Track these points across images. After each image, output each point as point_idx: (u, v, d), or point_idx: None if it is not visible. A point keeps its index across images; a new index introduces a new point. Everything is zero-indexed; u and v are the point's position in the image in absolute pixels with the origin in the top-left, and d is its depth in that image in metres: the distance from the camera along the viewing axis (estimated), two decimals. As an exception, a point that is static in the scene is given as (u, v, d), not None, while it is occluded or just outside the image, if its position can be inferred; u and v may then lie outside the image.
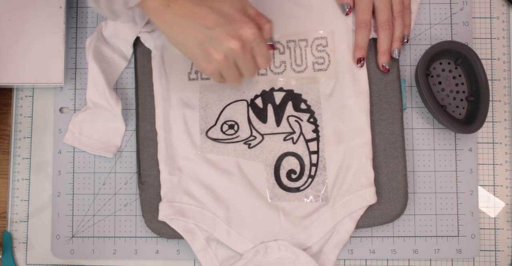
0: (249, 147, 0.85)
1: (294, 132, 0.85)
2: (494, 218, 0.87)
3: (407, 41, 0.86)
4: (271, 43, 0.76)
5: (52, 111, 0.89)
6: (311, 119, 0.85)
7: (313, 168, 0.84)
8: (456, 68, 0.87)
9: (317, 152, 0.85)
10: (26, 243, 0.87)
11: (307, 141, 0.85)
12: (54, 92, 0.89)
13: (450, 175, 0.87)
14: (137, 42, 0.87)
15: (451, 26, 0.89)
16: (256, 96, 0.86)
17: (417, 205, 0.87)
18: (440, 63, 0.87)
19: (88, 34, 0.90)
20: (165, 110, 0.85)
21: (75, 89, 0.89)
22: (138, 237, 0.87)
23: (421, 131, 0.88)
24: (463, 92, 0.87)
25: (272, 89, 0.86)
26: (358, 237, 0.86)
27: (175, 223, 0.84)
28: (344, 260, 0.87)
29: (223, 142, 0.85)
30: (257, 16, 0.74)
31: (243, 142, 0.85)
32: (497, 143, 0.88)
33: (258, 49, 0.74)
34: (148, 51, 0.87)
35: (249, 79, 0.85)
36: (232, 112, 0.86)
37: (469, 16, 0.89)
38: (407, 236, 0.86)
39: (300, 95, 0.86)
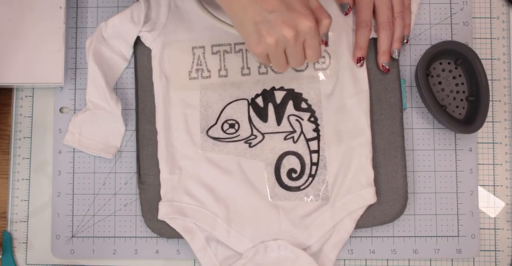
0: (249, 146, 0.85)
1: (294, 131, 0.85)
2: (494, 218, 0.87)
3: (407, 42, 0.87)
4: (325, 39, 0.75)
5: (52, 111, 0.89)
6: (312, 119, 0.85)
7: (314, 167, 0.84)
8: (456, 68, 0.87)
9: (317, 151, 0.85)
10: (26, 243, 0.87)
11: (307, 140, 0.85)
12: (54, 92, 0.89)
13: (450, 175, 0.87)
14: (137, 42, 0.87)
15: (451, 26, 0.89)
16: (257, 95, 0.86)
17: (417, 205, 0.87)
18: (440, 63, 0.87)
19: (88, 34, 0.90)
20: (165, 109, 0.85)
21: (75, 89, 0.89)
22: (138, 237, 0.87)
23: (421, 132, 0.88)
24: (463, 92, 0.87)
25: (273, 88, 0.86)
26: (358, 237, 0.86)
27: (174, 222, 0.84)
28: (344, 260, 0.87)
29: (224, 141, 0.85)
30: (318, 9, 0.74)
31: (244, 141, 0.85)
32: (497, 143, 0.88)
33: (310, 42, 0.73)
34: (148, 51, 0.87)
35: (250, 78, 0.86)
36: (232, 111, 0.85)
37: (469, 16, 0.89)
38: (407, 236, 0.86)
39: (300, 94, 0.86)
